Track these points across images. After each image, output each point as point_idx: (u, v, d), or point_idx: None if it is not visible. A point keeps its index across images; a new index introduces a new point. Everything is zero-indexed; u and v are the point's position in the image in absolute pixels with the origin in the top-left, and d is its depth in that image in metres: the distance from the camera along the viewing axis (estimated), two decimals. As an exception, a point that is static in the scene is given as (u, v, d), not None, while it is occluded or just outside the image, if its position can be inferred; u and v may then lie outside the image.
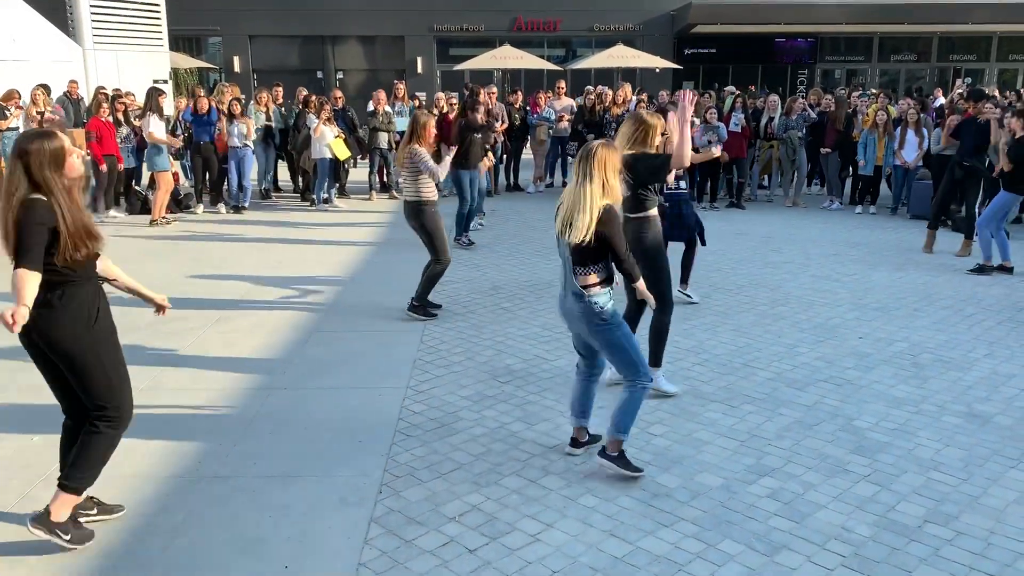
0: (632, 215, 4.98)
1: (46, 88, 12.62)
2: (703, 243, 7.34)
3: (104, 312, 3.42)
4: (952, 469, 4.27)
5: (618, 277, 4.16)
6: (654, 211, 5.11)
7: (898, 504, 3.92)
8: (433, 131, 7.09)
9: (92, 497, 3.67)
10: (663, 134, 5.22)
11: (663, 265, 5.10)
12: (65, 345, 3.27)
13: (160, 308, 3.94)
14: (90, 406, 3.39)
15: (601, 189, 3.92)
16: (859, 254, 9.44)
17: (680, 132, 4.77)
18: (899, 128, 11.91)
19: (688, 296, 7.28)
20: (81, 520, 3.54)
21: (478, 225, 10.57)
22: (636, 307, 5.30)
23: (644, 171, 4.89)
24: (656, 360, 5.21)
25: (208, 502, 3.89)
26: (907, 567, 3.42)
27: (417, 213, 6.83)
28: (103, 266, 3.58)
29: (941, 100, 16.28)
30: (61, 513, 3.39)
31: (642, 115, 5.12)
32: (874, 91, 17.69)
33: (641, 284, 4.15)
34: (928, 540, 3.61)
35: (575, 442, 4.44)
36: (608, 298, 4.01)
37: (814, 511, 3.85)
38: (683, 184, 7.07)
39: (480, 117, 9.87)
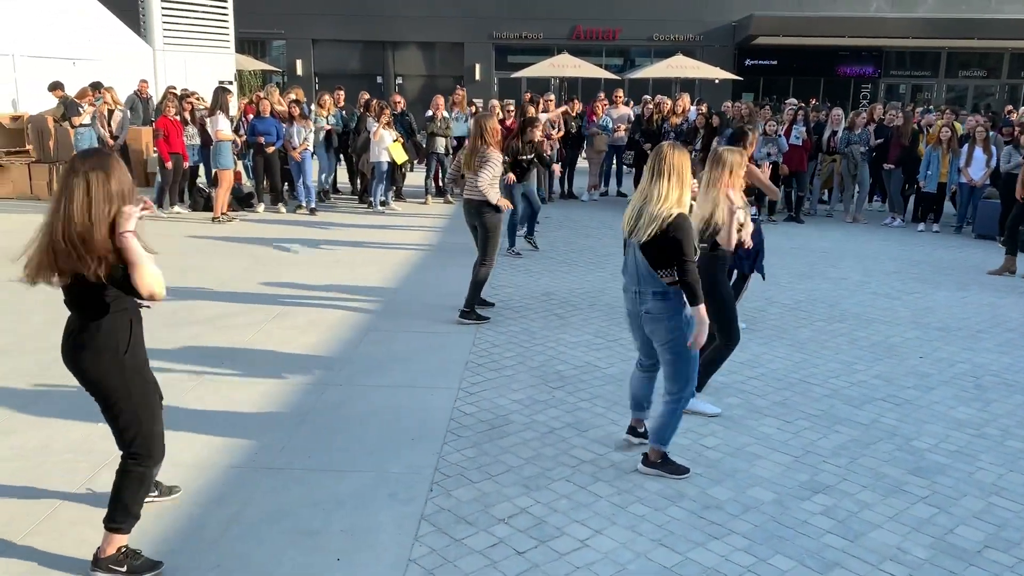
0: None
1: (95, 87, 13.00)
2: (762, 277, 6.86)
3: (136, 342, 3.24)
4: (1015, 495, 4.14)
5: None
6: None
7: (957, 528, 3.82)
8: (498, 131, 7.09)
9: (156, 481, 3.74)
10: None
11: (725, 295, 4.95)
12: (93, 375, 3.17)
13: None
14: (119, 445, 3.31)
15: (675, 189, 3.98)
16: (921, 272, 9.23)
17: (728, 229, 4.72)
18: (966, 145, 11.62)
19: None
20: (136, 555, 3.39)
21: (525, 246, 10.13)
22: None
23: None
24: (699, 386, 5.05)
25: (263, 493, 3.97)
26: (966, 592, 3.34)
27: (479, 213, 6.88)
28: None
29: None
30: (109, 551, 3.31)
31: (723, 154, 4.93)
32: (941, 108, 17.30)
33: (702, 309, 3.96)
34: (988, 566, 3.52)
35: (632, 430, 4.57)
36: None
37: (869, 530, 3.77)
38: (752, 210, 6.58)
39: (538, 133, 9.76)
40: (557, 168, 10.55)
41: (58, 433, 4.52)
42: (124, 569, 3.29)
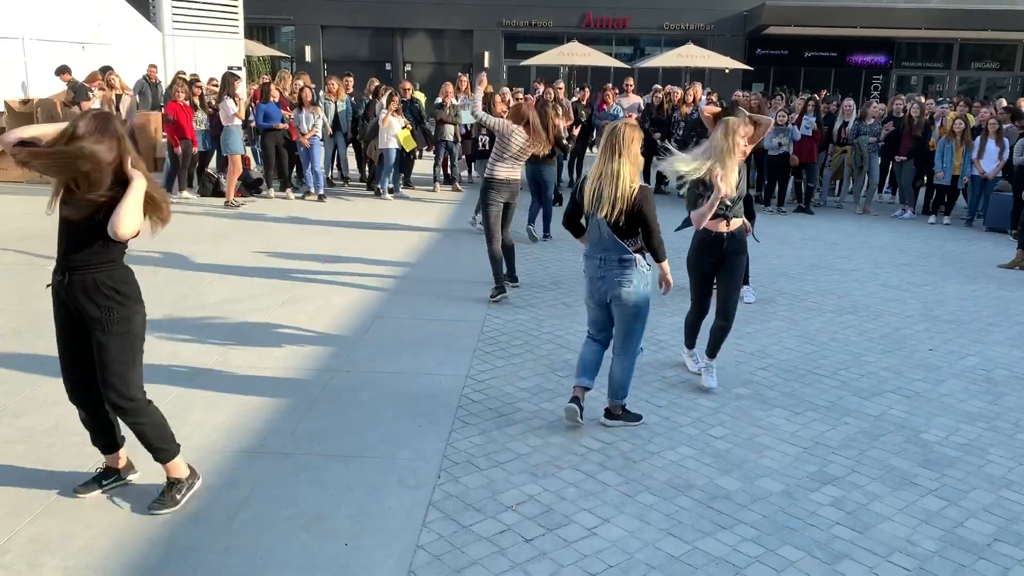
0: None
1: (105, 71, 12.99)
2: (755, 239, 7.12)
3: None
4: (1025, 488, 4.13)
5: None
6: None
7: (967, 520, 3.80)
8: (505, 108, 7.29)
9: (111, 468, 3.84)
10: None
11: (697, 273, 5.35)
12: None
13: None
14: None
15: (627, 166, 4.30)
16: (931, 265, 9.18)
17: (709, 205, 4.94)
18: (978, 137, 11.54)
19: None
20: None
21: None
22: (695, 314, 5.50)
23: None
24: (712, 352, 5.35)
25: (272, 478, 3.98)
26: (975, 585, 3.33)
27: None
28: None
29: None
30: (176, 471, 3.69)
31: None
32: (951, 100, 17.17)
33: (666, 265, 4.51)
34: (997, 559, 3.50)
35: (576, 401, 4.61)
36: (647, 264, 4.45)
37: (878, 522, 3.76)
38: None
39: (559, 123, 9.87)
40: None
41: (69, 415, 4.53)
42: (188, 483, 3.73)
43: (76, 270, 3.34)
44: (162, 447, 3.65)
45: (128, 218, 3.26)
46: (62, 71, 12.63)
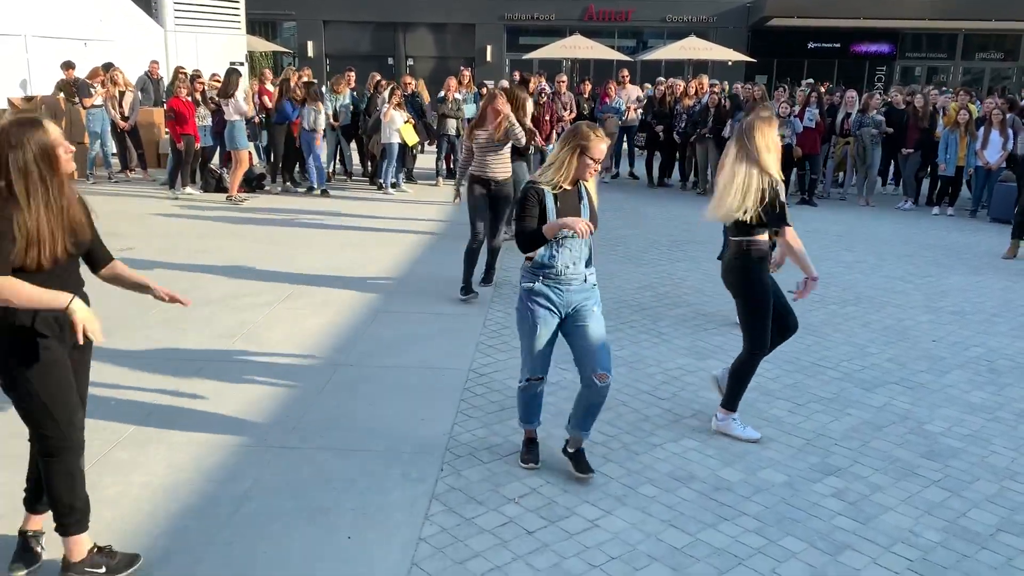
0: (735, 236, 4.38)
1: (107, 67, 13.02)
2: None
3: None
4: (1028, 479, 4.12)
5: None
6: (763, 236, 4.35)
7: (969, 511, 3.80)
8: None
9: (104, 549, 3.20)
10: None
11: (759, 296, 4.38)
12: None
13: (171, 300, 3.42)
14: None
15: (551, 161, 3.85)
16: (935, 256, 9.16)
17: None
18: (982, 128, 11.50)
19: None
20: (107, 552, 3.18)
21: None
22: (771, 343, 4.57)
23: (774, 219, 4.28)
24: (732, 405, 4.53)
25: (275, 471, 3.99)
26: (977, 575, 3.32)
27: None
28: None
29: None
30: (77, 553, 3.10)
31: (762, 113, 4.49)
32: (956, 89, 17.11)
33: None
34: (1000, 549, 3.50)
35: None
36: (534, 280, 3.96)
37: (881, 513, 3.76)
38: None
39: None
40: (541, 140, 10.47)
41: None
42: (103, 570, 3.11)
43: None
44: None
45: None
46: (68, 67, 12.65)
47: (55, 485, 3.02)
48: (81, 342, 2.86)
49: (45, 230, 2.79)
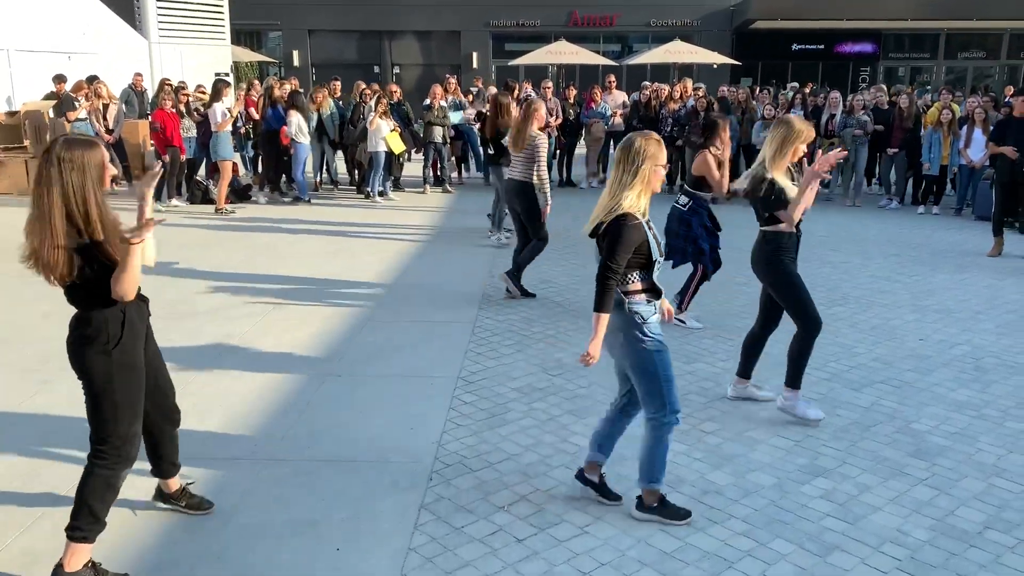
0: (763, 225, 4.71)
1: (90, 80, 12.99)
2: (706, 276, 6.54)
3: (131, 338, 3.14)
4: (1015, 476, 4.14)
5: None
6: (782, 226, 4.63)
7: (957, 509, 3.82)
8: (543, 116, 7.48)
9: (185, 489, 3.68)
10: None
11: (794, 282, 4.69)
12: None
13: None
14: (92, 437, 3.16)
15: (633, 187, 3.46)
16: (920, 255, 9.22)
17: (801, 192, 4.50)
18: (965, 126, 11.58)
19: (681, 322, 6.48)
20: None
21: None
22: (759, 331, 4.98)
23: (761, 204, 4.64)
24: (794, 382, 4.70)
25: (264, 483, 3.97)
26: (965, 573, 3.34)
27: (524, 192, 7.13)
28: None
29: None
30: (73, 563, 3.11)
31: (791, 121, 4.65)
32: (939, 88, 17.24)
33: (598, 316, 3.49)
34: (988, 547, 3.52)
35: (581, 474, 3.87)
36: (652, 311, 3.53)
37: (869, 513, 3.78)
38: (703, 195, 6.47)
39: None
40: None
41: (60, 428, 4.52)
42: None
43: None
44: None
45: None
46: (59, 80, 12.64)
47: (90, 488, 3.11)
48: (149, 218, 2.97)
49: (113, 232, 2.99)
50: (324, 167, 13.73)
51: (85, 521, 3.12)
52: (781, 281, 4.73)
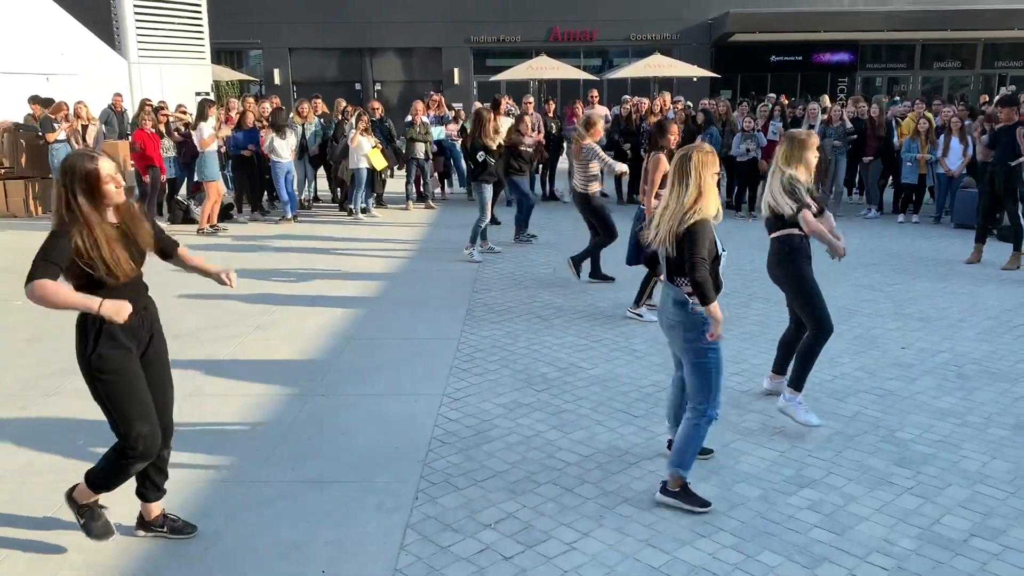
0: (771, 233, 4.94)
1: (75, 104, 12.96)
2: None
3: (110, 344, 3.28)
4: (999, 482, 4.16)
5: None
6: (793, 229, 4.85)
7: (943, 517, 3.83)
8: (601, 130, 8.46)
9: (167, 516, 3.68)
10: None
11: (809, 284, 4.90)
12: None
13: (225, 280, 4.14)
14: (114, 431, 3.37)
15: (694, 198, 3.74)
16: (901, 264, 9.28)
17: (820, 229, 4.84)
18: (942, 136, 11.71)
19: (638, 315, 6.98)
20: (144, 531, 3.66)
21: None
22: (794, 331, 5.19)
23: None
24: (798, 384, 4.86)
25: (248, 506, 3.93)
26: (952, 582, 3.35)
27: (583, 203, 8.26)
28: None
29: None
30: (84, 495, 3.48)
31: (791, 134, 4.91)
32: (908, 101, 17.45)
33: (712, 308, 3.71)
34: (974, 555, 3.53)
35: (671, 444, 4.21)
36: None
37: (856, 523, 3.78)
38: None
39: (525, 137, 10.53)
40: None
41: (41, 454, 4.46)
42: (83, 521, 3.44)
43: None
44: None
45: None
46: (34, 101, 12.55)
47: (107, 467, 3.37)
48: (120, 321, 3.14)
49: (106, 250, 3.18)
50: (307, 185, 13.68)
51: (100, 479, 3.41)
52: (796, 282, 4.91)
